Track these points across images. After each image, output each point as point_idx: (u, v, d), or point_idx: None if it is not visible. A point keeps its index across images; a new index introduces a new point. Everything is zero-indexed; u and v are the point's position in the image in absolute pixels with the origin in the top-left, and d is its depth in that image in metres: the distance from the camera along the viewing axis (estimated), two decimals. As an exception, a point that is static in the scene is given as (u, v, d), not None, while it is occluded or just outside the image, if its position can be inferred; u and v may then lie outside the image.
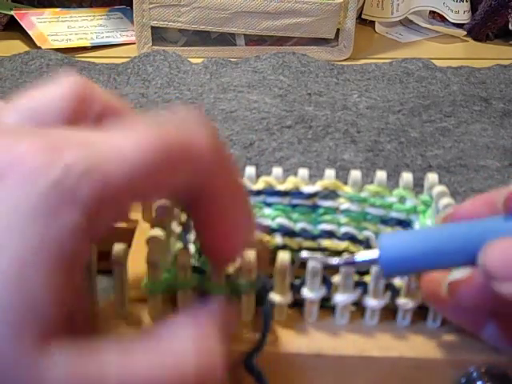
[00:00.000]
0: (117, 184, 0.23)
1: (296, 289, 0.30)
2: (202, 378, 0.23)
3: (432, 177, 0.36)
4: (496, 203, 0.28)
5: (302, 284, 0.30)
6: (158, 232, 0.30)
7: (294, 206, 0.37)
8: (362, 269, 0.30)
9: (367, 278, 0.30)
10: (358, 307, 0.31)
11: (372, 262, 0.28)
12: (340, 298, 0.30)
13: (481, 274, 0.26)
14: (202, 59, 0.81)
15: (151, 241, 0.29)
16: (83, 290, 0.24)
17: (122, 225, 0.36)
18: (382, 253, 0.27)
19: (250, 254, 0.28)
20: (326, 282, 0.30)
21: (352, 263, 0.29)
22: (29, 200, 0.22)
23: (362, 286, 0.30)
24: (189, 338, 0.24)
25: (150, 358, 0.23)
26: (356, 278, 0.30)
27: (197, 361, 0.23)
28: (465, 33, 0.93)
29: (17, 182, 0.22)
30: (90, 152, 0.23)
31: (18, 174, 0.22)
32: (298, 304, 0.31)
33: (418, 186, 0.37)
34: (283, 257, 0.29)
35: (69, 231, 0.22)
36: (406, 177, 0.36)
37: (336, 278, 0.30)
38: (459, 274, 0.28)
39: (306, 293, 0.30)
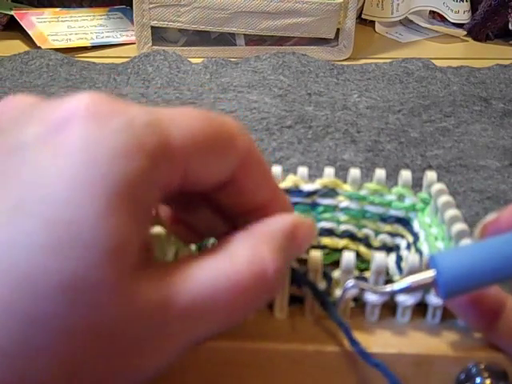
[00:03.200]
0: (176, 144, 0.24)
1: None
2: (254, 283, 0.24)
3: (431, 175, 0.36)
4: None
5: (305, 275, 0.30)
6: (158, 230, 0.30)
7: (294, 204, 0.37)
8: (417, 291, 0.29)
9: (367, 274, 0.31)
10: (357, 304, 0.31)
11: (429, 284, 0.27)
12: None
13: None
14: (201, 59, 0.81)
15: (152, 238, 0.29)
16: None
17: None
18: (439, 274, 0.26)
19: None
20: (326, 277, 0.30)
21: (407, 289, 0.28)
22: (97, 142, 0.22)
23: (362, 280, 0.31)
24: (244, 247, 0.25)
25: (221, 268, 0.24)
26: (356, 273, 0.30)
27: (249, 268, 0.24)
28: (465, 33, 0.93)
29: (83, 127, 0.22)
30: (151, 111, 0.24)
31: (83, 119, 0.22)
32: (297, 300, 0.31)
33: (417, 186, 0.37)
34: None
35: (139, 175, 0.22)
36: (405, 175, 0.36)
37: (336, 273, 0.30)
38: None
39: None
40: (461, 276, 0.26)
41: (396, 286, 0.28)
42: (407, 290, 0.28)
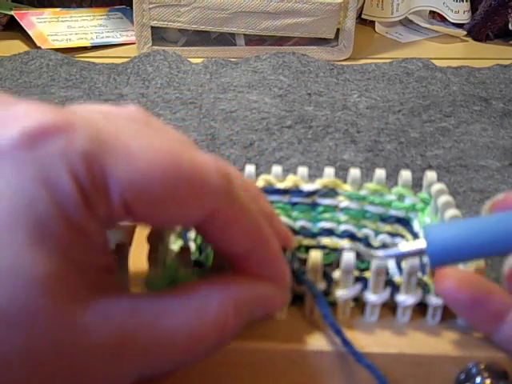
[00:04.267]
0: (113, 183, 0.23)
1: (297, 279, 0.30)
2: (214, 337, 0.25)
3: (431, 175, 0.36)
4: None
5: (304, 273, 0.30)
6: (158, 230, 0.30)
7: (294, 204, 0.37)
8: (407, 259, 0.30)
9: (367, 274, 0.31)
10: (357, 304, 0.31)
11: (419, 252, 0.28)
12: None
13: None
14: (201, 59, 0.81)
15: (152, 238, 0.29)
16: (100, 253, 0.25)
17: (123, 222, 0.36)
18: (429, 242, 0.27)
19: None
20: (326, 277, 0.30)
21: (399, 255, 0.29)
22: (24, 168, 0.22)
23: (362, 281, 0.31)
24: (214, 304, 0.26)
25: (182, 315, 0.25)
26: (356, 273, 0.30)
27: (213, 325, 0.25)
28: (465, 33, 0.93)
29: (10, 153, 0.22)
30: (99, 138, 0.23)
31: (14, 145, 0.22)
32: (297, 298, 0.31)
33: (417, 186, 0.37)
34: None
35: (65, 205, 0.22)
36: (405, 175, 0.36)
37: (337, 274, 0.30)
38: None
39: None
40: (448, 247, 0.27)
41: (389, 252, 0.29)
42: (400, 256, 0.29)
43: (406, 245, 0.29)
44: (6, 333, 0.21)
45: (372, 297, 0.30)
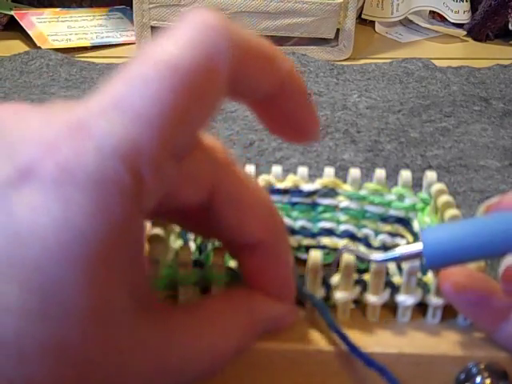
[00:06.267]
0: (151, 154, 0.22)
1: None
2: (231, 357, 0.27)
3: (430, 175, 0.36)
4: None
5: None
6: (158, 230, 0.30)
7: (294, 204, 0.37)
8: (404, 262, 0.30)
9: (366, 277, 0.31)
10: (357, 306, 0.31)
11: (416, 255, 0.28)
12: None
13: None
14: (202, 59, 0.81)
15: (152, 239, 0.29)
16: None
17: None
18: (425, 245, 0.27)
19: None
20: (325, 283, 0.30)
21: (396, 258, 0.29)
22: (67, 200, 0.20)
23: (361, 283, 0.31)
24: (234, 328, 0.27)
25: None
26: (355, 276, 0.30)
27: (234, 348, 0.27)
28: (465, 33, 0.93)
29: (50, 182, 0.20)
30: (118, 122, 0.22)
31: (48, 174, 0.20)
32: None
33: (417, 186, 0.37)
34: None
35: (117, 228, 0.21)
36: (405, 175, 0.36)
37: (335, 279, 0.30)
38: None
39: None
40: (444, 250, 0.27)
41: (386, 256, 0.29)
42: (397, 259, 0.29)
43: (403, 248, 0.29)
44: (60, 367, 0.21)
45: (372, 298, 0.30)
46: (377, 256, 0.29)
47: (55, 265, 0.20)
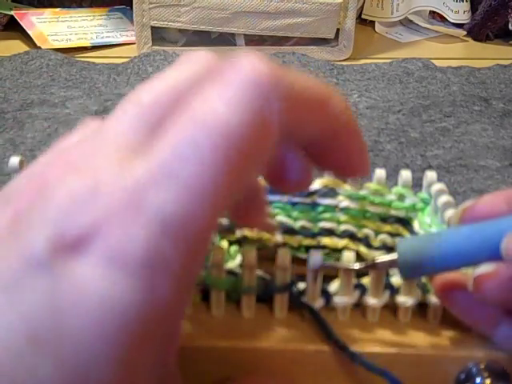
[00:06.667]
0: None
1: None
2: None
3: (431, 175, 0.36)
4: None
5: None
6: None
7: (294, 204, 0.37)
8: (383, 271, 0.30)
9: (365, 280, 0.31)
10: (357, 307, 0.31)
11: (390, 264, 0.29)
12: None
13: (507, 267, 0.26)
14: (201, 59, 0.81)
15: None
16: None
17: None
18: (399, 255, 0.28)
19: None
20: (324, 294, 0.30)
21: (373, 266, 0.29)
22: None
23: (360, 287, 0.31)
24: None
25: None
26: (355, 280, 0.30)
27: None
28: (465, 33, 0.93)
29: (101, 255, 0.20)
30: (170, 197, 0.21)
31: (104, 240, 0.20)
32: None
33: (417, 186, 0.37)
34: (284, 253, 0.29)
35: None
36: (405, 175, 0.36)
37: (335, 284, 0.31)
38: (485, 268, 0.28)
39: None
40: (416, 260, 0.28)
41: (362, 265, 0.29)
42: (373, 267, 0.29)
43: (380, 257, 0.29)
44: None
45: (372, 300, 0.30)
46: (354, 265, 0.29)
47: (93, 346, 0.19)
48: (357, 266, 0.29)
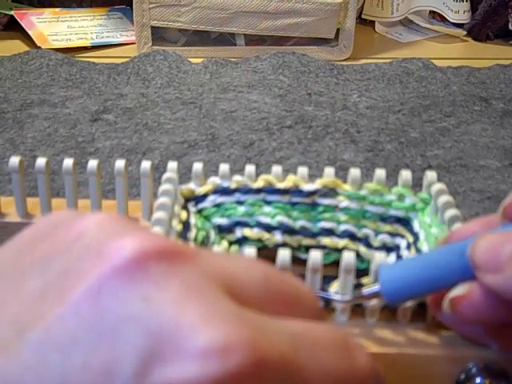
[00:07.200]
0: None
1: None
2: None
3: (431, 175, 0.36)
4: (492, 224, 0.28)
5: None
6: (158, 230, 0.30)
7: (294, 204, 0.37)
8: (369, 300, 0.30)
9: (365, 280, 0.31)
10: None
11: (375, 294, 0.29)
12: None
13: (479, 287, 0.27)
14: (201, 59, 0.81)
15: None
16: None
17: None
18: (382, 285, 0.29)
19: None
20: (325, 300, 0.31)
21: (360, 297, 0.30)
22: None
23: (361, 287, 0.31)
24: None
25: None
26: (355, 280, 0.30)
27: None
28: (465, 33, 0.93)
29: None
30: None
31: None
32: None
33: (417, 186, 0.37)
34: (284, 253, 0.29)
35: None
36: (405, 175, 0.36)
37: (335, 285, 0.31)
38: (460, 289, 0.28)
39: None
40: (398, 287, 0.28)
41: (351, 296, 0.30)
42: (361, 299, 0.30)
43: (365, 288, 0.29)
44: None
45: (372, 301, 0.30)
46: (343, 297, 0.30)
47: None
48: (344, 298, 0.30)
